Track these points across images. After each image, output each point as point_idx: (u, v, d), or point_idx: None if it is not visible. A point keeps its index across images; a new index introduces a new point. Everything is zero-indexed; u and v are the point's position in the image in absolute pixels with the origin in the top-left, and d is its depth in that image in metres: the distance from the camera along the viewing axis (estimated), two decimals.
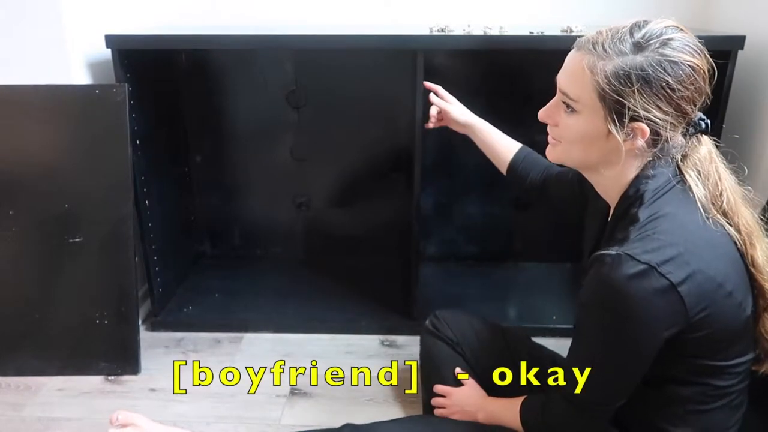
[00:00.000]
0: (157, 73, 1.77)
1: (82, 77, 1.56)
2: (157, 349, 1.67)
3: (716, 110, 1.46)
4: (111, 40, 1.47)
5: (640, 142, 0.84)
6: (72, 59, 1.51)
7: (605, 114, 0.84)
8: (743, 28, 1.57)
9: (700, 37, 0.86)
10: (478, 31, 1.56)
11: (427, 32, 1.55)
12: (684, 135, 0.87)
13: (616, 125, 0.83)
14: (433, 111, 1.41)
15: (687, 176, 0.86)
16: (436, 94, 1.43)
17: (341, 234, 2.11)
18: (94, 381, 1.53)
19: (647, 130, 0.83)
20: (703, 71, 0.83)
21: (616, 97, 0.82)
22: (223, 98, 1.96)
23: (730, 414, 0.90)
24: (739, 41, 1.41)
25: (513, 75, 1.87)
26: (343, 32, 1.57)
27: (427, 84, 1.45)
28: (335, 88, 1.92)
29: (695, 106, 0.84)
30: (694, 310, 0.79)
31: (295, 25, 1.86)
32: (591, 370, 0.88)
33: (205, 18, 1.91)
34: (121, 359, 1.55)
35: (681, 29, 0.84)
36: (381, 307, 1.82)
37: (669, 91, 0.81)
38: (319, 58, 1.88)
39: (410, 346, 1.67)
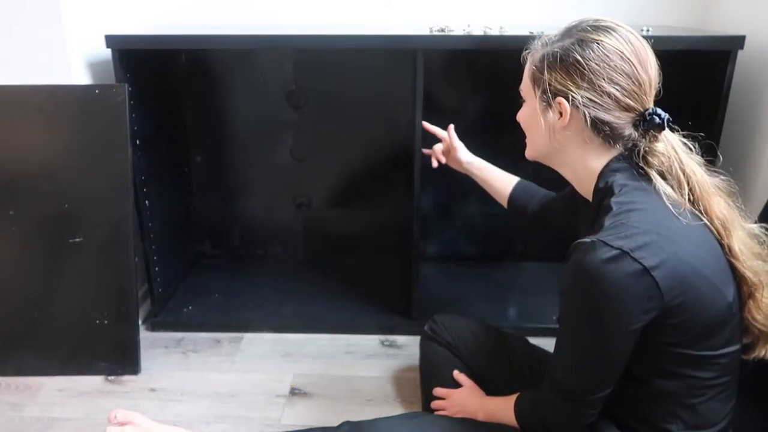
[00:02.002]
0: (157, 73, 1.77)
1: (82, 77, 1.56)
2: (157, 349, 1.68)
3: (716, 110, 1.47)
4: (111, 40, 1.48)
5: (557, 118, 0.91)
6: (72, 59, 1.51)
7: (536, 95, 0.94)
8: (743, 28, 1.57)
9: (700, 38, 0.86)
10: (478, 31, 1.56)
11: (427, 32, 1.55)
12: (636, 128, 0.89)
13: (542, 102, 0.93)
14: (438, 148, 1.48)
15: (650, 175, 0.89)
16: (436, 135, 1.48)
17: (341, 234, 2.11)
18: (94, 381, 1.53)
19: (567, 104, 0.89)
20: (619, 52, 0.87)
21: (539, 75, 0.92)
22: (223, 98, 1.96)
23: (720, 407, 0.90)
24: (739, 41, 1.41)
25: (513, 75, 1.87)
26: (343, 32, 1.58)
27: (428, 126, 1.49)
28: (335, 88, 1.92)
29: (617, 85, 0.86)
30: (669, 294, 0.80)
31: (295, 25, 1.87)
32: (572, 358, 0.90)
33: (205, 18, 1.92)
34: (121, 359, 1.55)
35: (612, 21, 0.90)
36: (381, 307, 1.82)
37: (577, 65, 0.88)
38: (319, 58, 1.88)
39: (410, 346, 1.67)
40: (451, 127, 1.47)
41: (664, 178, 0.89)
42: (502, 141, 1.93)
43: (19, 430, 1.37)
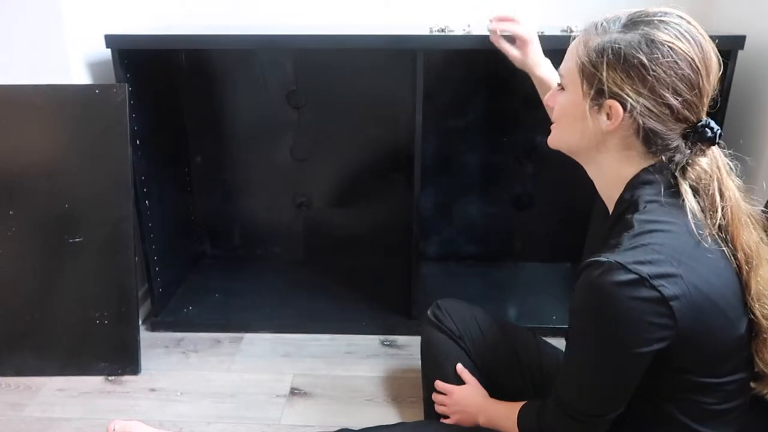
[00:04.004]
0: (157, 73, 1.77)
1: (82, 77, 1.56)
2: (157, 349, 1.68)
3: (716, 110, 1.46)
4: (111, 40, 1.47)
5: (610, 122, 0.83)
6: (72, 59, 1.51)
7: (583, 89, 0.85)
8: (743, 28, 1.56)
9: None
10: (478, 31, 1.56)
11: (427, 32, 1.55)
12: (685, 140, 0.83)
13: (590, 100, 0.84)
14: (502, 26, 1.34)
15: (681, 188, 0.82)
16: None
17: (341, 234, 2.11)
18: (94, 381, 1.53)
19: (620, 109, 0.81)
20: (690, 59, 0.79)
21: (592, 70, 0.83)
22: (223, 98, 1.96)
23: (725, 430, 0.87)
24: (739, 41, 1.41)
25: (513, 75, 1.87)
26: (343, 32, 1.57)
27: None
28: (335, 88, 1.92)
29: (679, 96, 0.79)
30: (684, 324, 0.77)
31: (295, 25, 1.86)
32: (581, 377, 0.87)
33: (205, 18, 1.91)
34: (121, 359, 1.55)
35: (682, 17, 0.82)
36: (381, 307, 1.82)
37: (642, 69, 0.79)
38: (319, 58, 1.88)
39: (410, 346, 1.67)
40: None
41: (696, 194, 0.82)
42: (502, 141, 1.94)
43: (19, 430, 1.37)
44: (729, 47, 1.41)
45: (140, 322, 1.71)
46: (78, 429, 1.37)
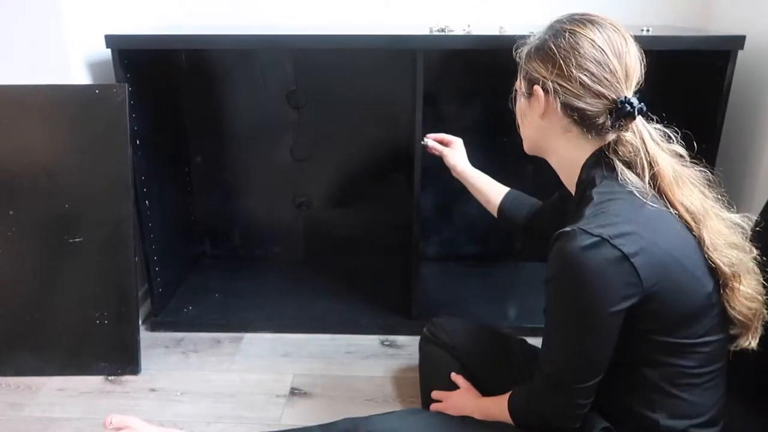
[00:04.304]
0: (157, 73, 1.77)
1: (82, 77, 1.56)
2: (157, 349, 1.68)
3: (716, 110, 1.47)
4: (111, 40, 1.48)
5: (539, 104, 0.94)
6: (72, 59, 1.51)
7: (523, 88, 0.99)
8: (743, 28, 1.57)
9: (700, 38, 0.87)
10: (478, 31, 1.56)
11: (427, 32, 1.55)
12: (609, 116, 0.90)
13: (526, 93, 0.98)
14: (431, 143, 1.48)
15: (615, 164, 0.91)
16: (441, 142, 1.47)
17: (341, 234, 2.11)
18: (94, 381, 1.53)
19: (541, 92, 0.93)
20: (591, 40, 0.89)
21: (523, 68, 0.98)
22: (223, 98, 1.96)
23: (706, 397, 0.91)
24: (739, 41, 1.41)
25: (512, 75, 1.87)
26: (343, 32, 1.57)
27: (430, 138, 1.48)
28: (335, 88, 1.93)
29: (586, 71, 0.88)
30: (649, 280, 0.82)
31: (295, 25, 1.87)
32: (560, 347, 0.91)
33: (205, 18, 1.92)
34: (121, 359, 1.55)
35: (594, 15, 0.92)
36: (381, 307, 1.82)
37: (550, 53, 0.91)
38: (319, 58, 1.88)
39: (410, 346, 1.67)
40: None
41: (629, 168, 0.91)
42: (502, 141, 1.94)
43: (19, 430, 1.37)
44: (729, 47, 1.42)
45: (140, 322, 1.71)
46: (78, 429, 1.37)
